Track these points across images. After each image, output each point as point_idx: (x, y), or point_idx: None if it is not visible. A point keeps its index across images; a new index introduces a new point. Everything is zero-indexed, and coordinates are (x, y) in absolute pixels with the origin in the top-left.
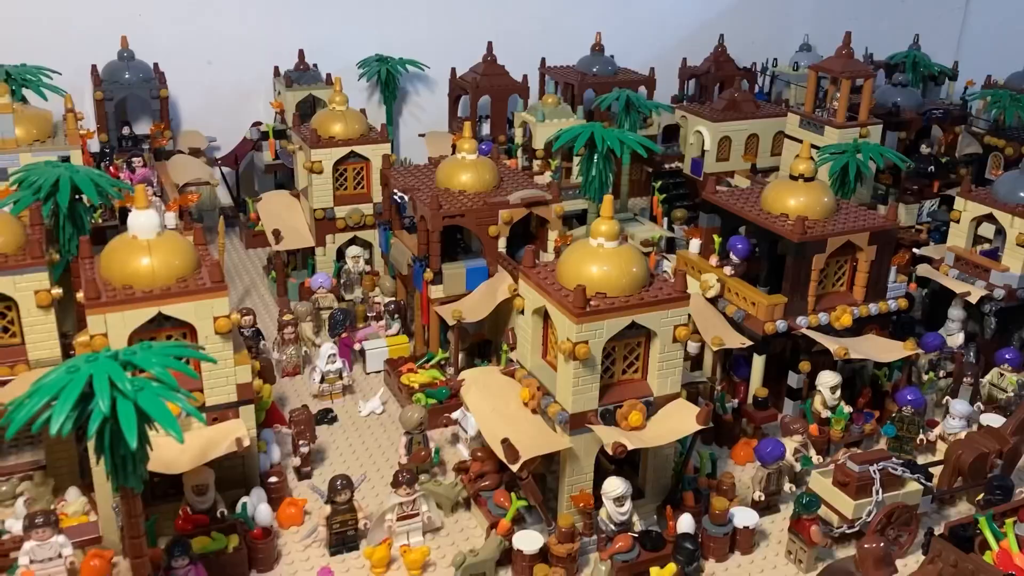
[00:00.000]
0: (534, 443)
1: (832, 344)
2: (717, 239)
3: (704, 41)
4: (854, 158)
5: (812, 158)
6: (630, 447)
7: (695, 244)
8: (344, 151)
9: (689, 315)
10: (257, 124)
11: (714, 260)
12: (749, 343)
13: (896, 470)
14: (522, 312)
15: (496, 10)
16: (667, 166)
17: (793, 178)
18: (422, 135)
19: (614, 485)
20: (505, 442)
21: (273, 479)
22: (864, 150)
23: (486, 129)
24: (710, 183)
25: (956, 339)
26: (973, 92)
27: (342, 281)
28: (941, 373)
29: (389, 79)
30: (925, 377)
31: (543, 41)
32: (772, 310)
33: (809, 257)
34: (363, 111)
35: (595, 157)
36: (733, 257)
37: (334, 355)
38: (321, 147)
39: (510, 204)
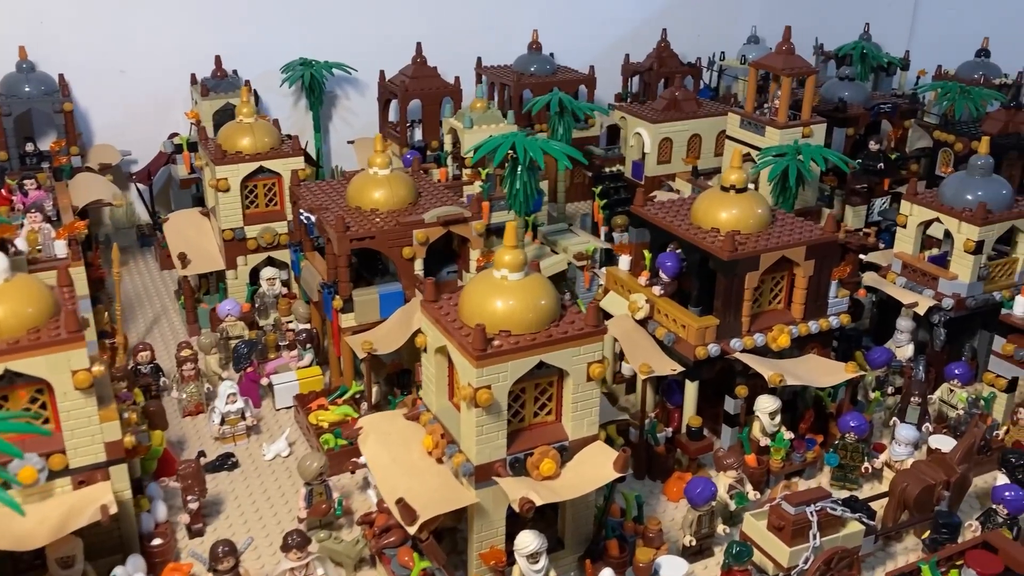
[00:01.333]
0: (436, 499)
1: (767, 370)
2: (648, 255)
3: (649, 36)
4: (795, 161)
5: (752, 160)
6: (539, 502)
7: (625, 261)
8: (253, 166)
9: (619, 345)
10: (173, 136)
11: (644, 278)
12: (680, 369)
13: (835, 510)
14: (425, 350)
15: (429, 7)
16: (608, 169)
17: (724, 189)
18: (351, 142)
19: (526, 541)
20: (400, 503)
21: (157, 541)
22: (805, 152)
23: (419, 135)
24: (639, 195)
25: (905, 351)
26: (923, 84)
27: (257, 306)
28: (890, 390)
29: (314, 84)
30: (872, 395)
31: (480, 39)
32: (703, 333)
33: (741, 275)
34: (276, 121)
35: (519, 168)
36: (663, 275)
37: (234, 394)
38: (227, 163)
39: (425, 223)
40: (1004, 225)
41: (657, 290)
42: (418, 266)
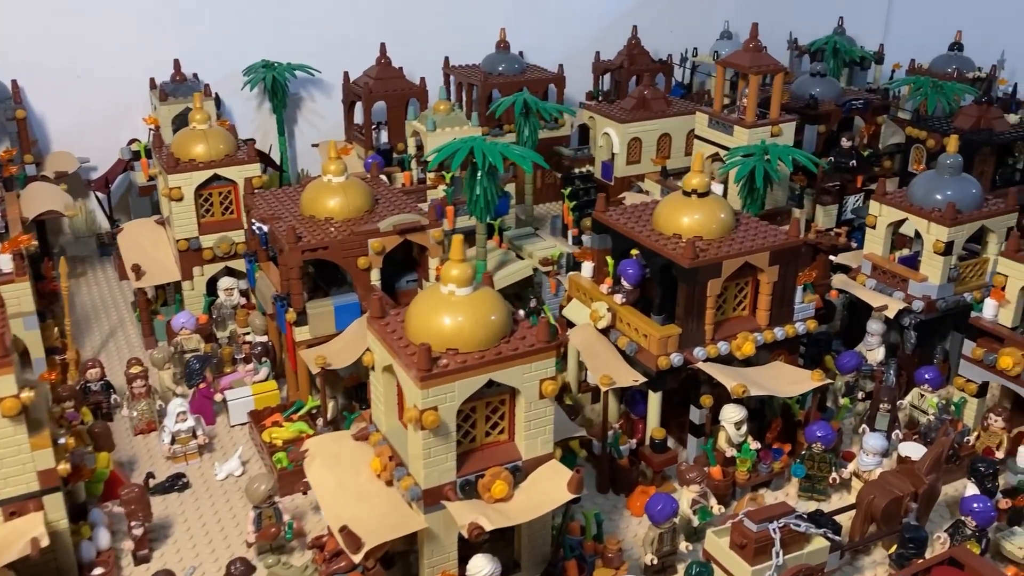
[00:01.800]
0: (383, 525)
1: (729, 380)
2: (611, 262)
3: (621, 33)
4: (761, 162)
5: (722, 161)
6: (489, 528)
7: (587, 267)
8: (207, 174)
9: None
10: (132, 142)
11: (607, 286)
12: (643, 379)
13: (799, 526)
14: (373, 368)
15: (395, 6)
16: (578, 170)
17: (686, 194)
18: (315, 145)
19: (479, 565)
20: (344, 531)
21: (98, 571)
22: (772, 152)
23: (385, 137)
24: (600, 201)
25: (876, 354)
26: (895, 80)
27: (214, 317)
28: (860, 395)
29: (277, 86)
30: (841, 402)
31: (448, 39)
32: (665, 343)
33: (703, 282)
34: (232, 127)
35: (479, 174)
36: (624, 283)
37: (184, 412)
38: (180, 171)
39: (380, 232)
40: (974, 225)
41: (619, 298)
42: (375, 276)
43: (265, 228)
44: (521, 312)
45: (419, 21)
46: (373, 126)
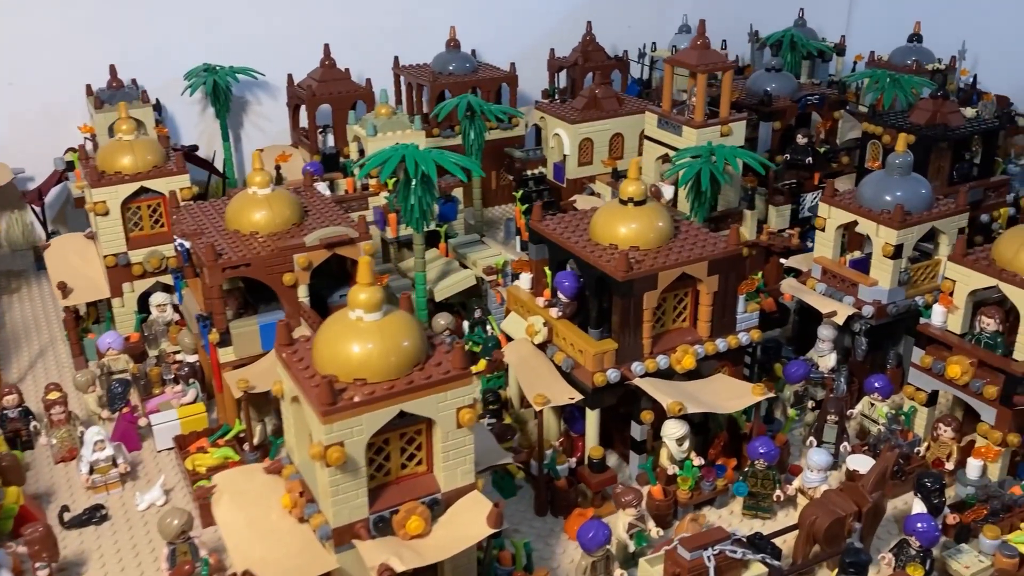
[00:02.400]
0: (292, 567)
1: (666, 398)
2: (550, 273)
3: (577, 28)
4: (708, 164)
5: (667, 159)
6: (400, 568)
7: (525, 278)
8: (133, 187)
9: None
10: (69, 151)
11: (543, 299)
12: (579, 397)
13: (735, 552)
14: (283, 398)
15: (343, 5)
16: (530, 172)
17: (623, 202)
18: (260, 151)
19: None
20: (247, 575)
21: None
22: (719, 153)
23: (331, 141)
24: (536, 210)
25: (828, 360)
26: (852, 73)
27: (146, 335)
28: (810, 404)
29: (219, 90)
30: (790, 412)
31: (398, 38)
32: (601, 358)
33: (639, 295)
34: (164, 137)
35: (412, 183)
36: (561, 296)
37: (102, 440)
38: (104, 185)
39: (306, 247)
40: (924, 227)
41: (555, 312)
42: (302, 293)
43: (187, 244)
44: (479, 312)
45: (368, 20)
46: (319, 130)
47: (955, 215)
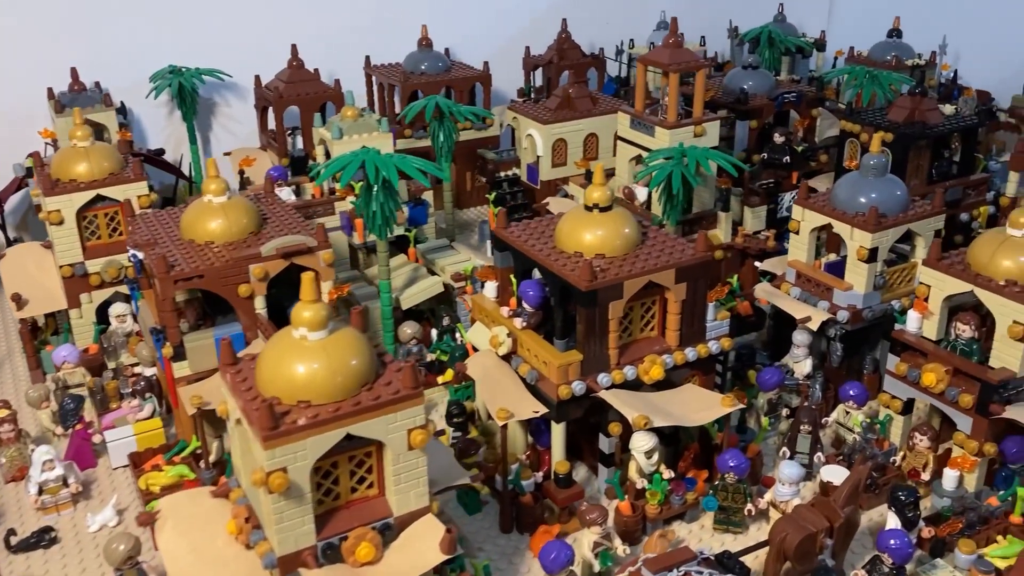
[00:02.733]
0: None
1: (631, 411)
2: (516, 282)
3: (553, 25)
4: (679, 166)
5: (640, 161)
6: None
7: (490, 287)
8: (89, 195)
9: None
10: (31, 156)
11: (508, 309)
12: (544, 410)
13: (702, 574)
14: (228, 419)
15: (312, 4)
16: (503, 174)
17: (588, 208)
18: (227, 154)
19: None
20: None
21: None
22: (691, 155)
23: (300, 144)
24: (500, 216)
25: (803, 366)
26: (830, 71)
27: (105, 347)
28: (784, 412)
29: (185, 93)
30: (763, 421)
31: (370, 37)
32: (566, 370)
33: (604, 305)
34: (122, 142)
35: (374, 189)
36: (526, 305)
37: (51, 460)
38: (58, 193)
39: (262, 257)
40: (899, 230)
41: (519, 322)
42: (259, 304)
43: (140, 255)
44: (447, 320)
45: (339, 19)
46: (288, 132)
47: (931, 217)
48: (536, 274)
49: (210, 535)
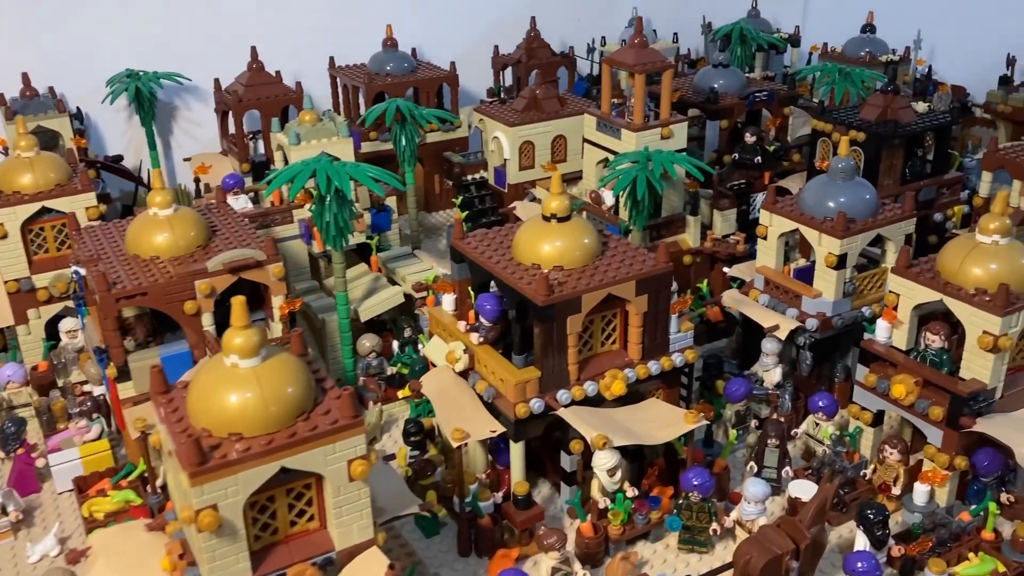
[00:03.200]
0: None
1: (590, 430)
2: (474, 294)
3: (523, 24)
4: (644, 171)
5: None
6: None
7: (448, 300)
8: (34, 207)
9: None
10: None
11: (464, 324)
12: (501, 430)
13: None
14: (160, 451)
15: (275, 4)
16: (471, 177)
17: (546, 218)
18: (187, 159)
19: None
20: None
21: None
22: (656, 159)
23: (262, 148)
24: (457, 227)
25: (773, 375)
26: (802, 68)
27: (55, 364)
28: (754, 423)
29: (143, 97)
30: (731, 434)
31: (335, 37)
32: (524, 388)
33: (562, 320)
34: (72, 151)
35: (326, 199)
36: (483, 320)
37: None
38: (1, 206)
39: (208, 272)
40: (868, 235)
41: (476, 337)
42: (206, 321)
43: (81, 271)
44: (409, 331)
45: (302, 19)
46: (249, 136)
47: (902, 221)
48: (494, 287)
49: (144, 571)
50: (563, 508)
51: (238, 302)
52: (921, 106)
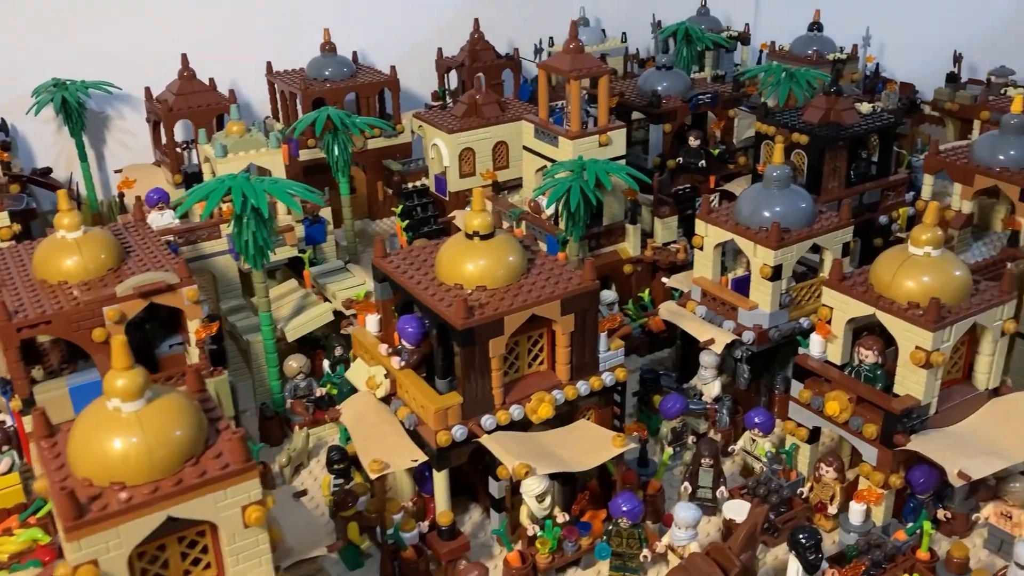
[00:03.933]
0: None
1: (512, 459)
2: (398, 315)
3: (467, 25)
4: (579, 181)
5: (546, 171)
6: None
7: (373, 321)
8: None
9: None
10: None
11: (386, 347)
12: (424, 459)
13: None
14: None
15: (209, 8)
16: (411, 185)
17: (469, 236)
18: (118, 171)
19: None
20: None
21: None
22: (590, 169)
23: (196, 159)
24: (378, 244)
25: (712, 388)
26: (748, 68)
27: None
28: (691, 439)
29: (70, 107)
30: (665, 453)
31: (272, 41)
32: (445, 415)
33: (484, 343)
34: (5, 163)
35: (244, 218)
36: (405, 343)
37: None
38: None
39: (117, 297)
40: (804, 245)
41: (397, 361)
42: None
43: None
44: (340, 351)
45: (238, 24)
46: (183, 146)
47: (838, 230)
48: (416, 309)
49: None
50: (492, 536)
51: (118, 343)
52: (865, 107)
